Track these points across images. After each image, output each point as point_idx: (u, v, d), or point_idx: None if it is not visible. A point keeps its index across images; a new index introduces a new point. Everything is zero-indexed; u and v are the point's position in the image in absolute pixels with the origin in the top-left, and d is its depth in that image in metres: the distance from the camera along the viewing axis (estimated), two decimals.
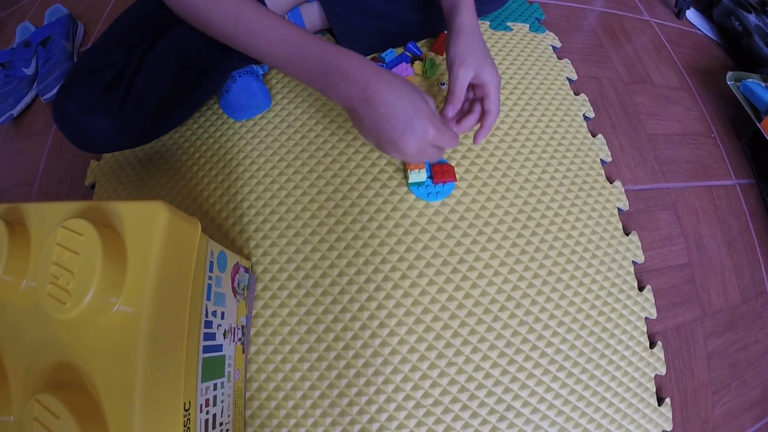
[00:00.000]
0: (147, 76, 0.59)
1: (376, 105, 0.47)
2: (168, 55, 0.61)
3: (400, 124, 0.47)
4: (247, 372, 0.56)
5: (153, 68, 0.59)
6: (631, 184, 0.76)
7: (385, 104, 0.47)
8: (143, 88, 0.59)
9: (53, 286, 0.32)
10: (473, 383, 0.57)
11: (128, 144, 0.63)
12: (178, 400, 0.36)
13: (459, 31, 0.58)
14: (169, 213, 0.35)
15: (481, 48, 0.58)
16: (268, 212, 0.65)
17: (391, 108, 0.47)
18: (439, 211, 0.65)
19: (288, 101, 0.75)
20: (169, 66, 0.61)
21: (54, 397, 0.31)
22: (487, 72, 0.57)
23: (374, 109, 0.47)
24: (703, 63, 1.02)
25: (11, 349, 0.39)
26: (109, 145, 0.61)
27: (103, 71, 0.58)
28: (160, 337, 0.34)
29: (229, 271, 0.50)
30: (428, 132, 0.48)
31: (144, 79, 0.59)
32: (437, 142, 0.50)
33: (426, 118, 0.48)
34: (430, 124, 0.48)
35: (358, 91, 0.47)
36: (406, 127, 0.47)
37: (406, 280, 0.61)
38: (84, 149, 0.61)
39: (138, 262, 0.34)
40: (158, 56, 0.60)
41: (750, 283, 0.75)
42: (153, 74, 0.59)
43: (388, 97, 0.47)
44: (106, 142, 0.60)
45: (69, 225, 0.33)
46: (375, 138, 0.50)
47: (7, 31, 1.17)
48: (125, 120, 0.58)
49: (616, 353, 0.61)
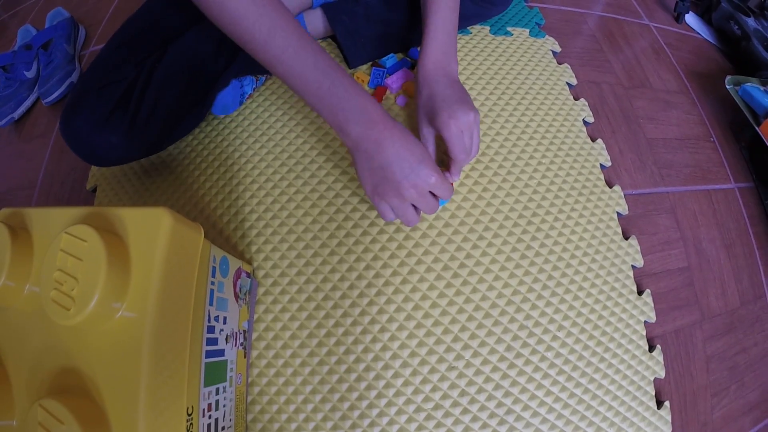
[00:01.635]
0: (157, 90, 0.59)
1: (387, 147, 0.50)
2: (177, 67, 0.61)
3: (407, 166, 0.50)
4: (248, 376, 0.56)
5: (163, 81, 0.59)
6: (631, 188, 0.76)
7: (396, 148, 0.50)
8: (153, 102, 0.59)
9: (57, 292, 0.32)
10: (474, 387, 0.57)
11: (138, 157, 0.63)
12: (181, 405, 0.36)
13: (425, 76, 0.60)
14: (172, 219, 0.36)
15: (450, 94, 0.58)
16: (269, 217, 0.65)
17: (402, 152, 0.50)
18: (440, 216, 0.66)
19: (289, 106, 0.75)
20: (178, 77, 0.61)
21: (58, 402, 0.31)
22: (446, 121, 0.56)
23: (384, 150, 0.50)
24: (702, 67, 1.02)
25: (15, 353, 0.39)
26: (119, 159, 0.61)
27: (112, 86, 0.58)
28: (164, 342, 0.34)
29: (231, 276, 0.50)
30: (431, 178, 0.51)
31: (154, 92, 0.59)
32: (436, 189, 0.53)
33: (431, 167, 0.51)
34: (434, 172, 0.51)
35: (374, 132, 0.50)
36: (412, 170, 0.50)
37: (407, 284, 0.61)
38: (94, 164, 0.61)
39: (141, 268, 0.34)
40: (167, 68, 0.60)
41: (749, 287, 0.75)
42: (163, 87, 0.59)
43: (400, 143, 0.50)
44: (116, 157, 0.60)
45: (73, 231, 0.34)
46: (377, 179, 0.52)
47: (8, 33, 1.17)
48: (136, 135, 0.58)
49: (616, 357, 0.61)
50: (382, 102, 0.75)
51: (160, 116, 0.60)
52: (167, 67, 0.60)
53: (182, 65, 0.61)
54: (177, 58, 0.61)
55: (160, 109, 0.60)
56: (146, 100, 0.58)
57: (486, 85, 0.80)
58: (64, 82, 0.89)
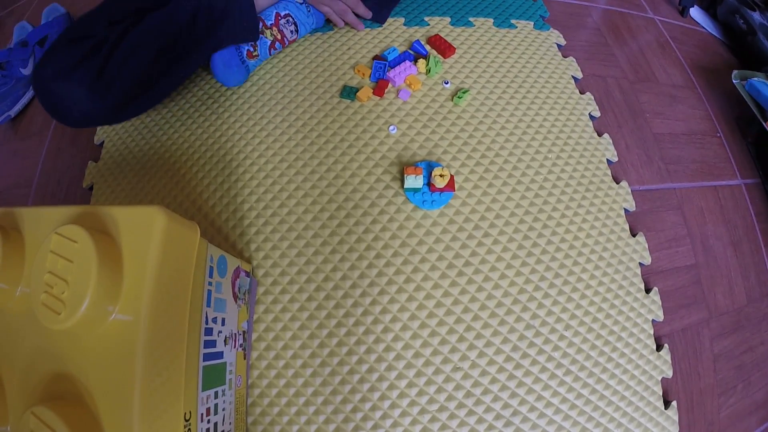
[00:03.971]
0: (127, 51, 0.60)
1: None
2: (150, 33, 0.61)
3: None
4: (248, 378, 0.55)
5: (134, 43, 0.60)
6: (638, 184, 0.75)
7: None
8: (121, 61, 0.59)
9: (47, 295, 0.31)
10: (479, 388, 0.56)
11: (102, 118, 0.63)
12: (178, 411, 0.35)
13: None
14: (166, 218, 0.34)
15: None
16: (269, 214, 0.64)
17: None
18: (444, 213, 0.64)
19: (289, 100, 0.74)
20: (150, 43, 0.61)
21: (50, 410, 0.30)
22: None
23: None
24: (707, 61, 1.01)
25: (8, 356, 0.38)
26: (83, 117, 0.61)
27: (82, 41, 0.59)
28: (159, 346, 0.33)
29: (230, 276, 0.49)
30: None
31: (123, 52, 0.59)
32: None
33: None
34: None
35: None
36: None
37: (410, 283, 0.60)
38: (59, 119, 0.62)
39: (135, 269, 0.33)
40: (140, 33, 0.61)
41: (756, 284, 0.74)
42: (133, 49, 0.60)
43: None
44: (79, 112, 0.60)
45: (63, 231, 0.32)
46: None
47: (4, 30, 1.16)
48: (99, 91, 0.59)
49: (623, 356, 0.60)
50: (384, 95, 0.74)
51: (127, 78, 0.61)
52: (140, 31, 0.61)
53: (155, 32, 0.62)
54: (151, 25, 0.62)
55: (127, 70, 0.60)
56: (114, 58, 0.59)
57: (490, 79, 0.78)
58: None
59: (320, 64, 0.78)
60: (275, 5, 0.74)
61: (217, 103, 0.75)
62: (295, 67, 0.78)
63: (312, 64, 0.78)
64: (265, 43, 0.74)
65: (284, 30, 0.76)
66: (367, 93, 0.72)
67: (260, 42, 0.73)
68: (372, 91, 0.73)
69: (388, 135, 0.70)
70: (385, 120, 0.72)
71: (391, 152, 0.69)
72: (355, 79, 0.76)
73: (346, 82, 0.76)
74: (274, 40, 0.75)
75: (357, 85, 0.75)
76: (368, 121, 0.72)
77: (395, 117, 0.72)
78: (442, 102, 0.74)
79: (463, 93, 0.73)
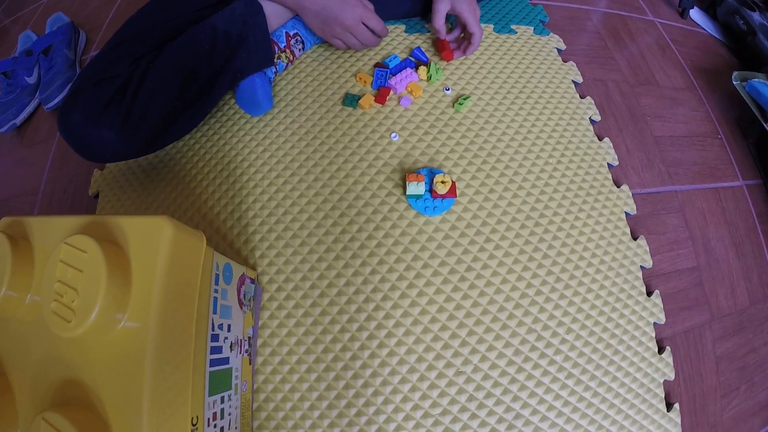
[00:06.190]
0: (151, 88, 0.59)
1: None
2: (171, 66, 0.61)
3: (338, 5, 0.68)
4: (254, 383, 0.56)
5: (156, 80, 0.60)
6: (639, 187, 0.75)
7: None
8: (147, 100, 0.59)
9: (58, 303, 0.32)
10: (482, 392, 0.57)
11: (133, 154, 0.63)
12: (185, 416, 0.36)
13: None
14: (173, 228, 0.35)
15: None
16: (273, 221, 0.65)
17: None
18: (446, 219, 0.65)
19: (292, 108, 0.75)
20: (172, 77, 0.61)
21: (60, 415, 0.30)
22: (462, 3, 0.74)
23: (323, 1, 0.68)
24: (708, 63, 1.01)
25: (18, 363, 0.38)
26: (114, 156, 0.61)
27: (107, 82, 0.58)
28: (167, 352, 0.34)
29: (235, 283, 0.50)
30: (358, 9, 0.69)
31: (148, 90, 0.59)
32: (366, 20, 0.71)
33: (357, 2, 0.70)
34: (360, 4, 0.70)
35: None
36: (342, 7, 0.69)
37: (414, 288, 0.61)
38: (89, 159, 0.62)
39: (143, 277, 0.34)
40: (161, 68, 0.60)
41: (758, 286, 0.74)
42: (157, 86, 0.60)
43: None
44: (110, 153, 0.60)
45: (72, 242, 0.33)
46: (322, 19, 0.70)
47: (9, 39, 1.17)
48: (129, 131, 0.59)
49: (625, 359, 0.60)
50: (386, 103, 0.74)
51: (154, 115, 0.60)
52: (161, 65, 0.61)
53: (176, 65, 0.62)
54: (171, 58, 0.62)
55: (154, 107, 0.60)
56: (140, 98, 0.59)
57: (491, 85, 0.79)
58: (65, 88, 0.88)
59: (322, 72, 0.79)
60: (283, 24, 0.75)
61: (220, 111, 0.76)
62: (298, 75, 0.79)
63: (314, 72, 0.79)
64: (281, 67, 0.76)
65: (294, 50, 0.78)
66: (369, 100, 0.73)
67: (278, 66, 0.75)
68: (374, 99, 0.74)
69: (390, 142, 0.71)
70: (387, 127, 0.72)
71: (393, 159, 0.69)
72: (357, 86, 0.77)
73: (348, 90, 0.76)
74: (287, 63, 0.77)
75: (359, 93, 0.76)
76: (370, 128, 0.72)
77: (397, 124, 0.73)
78: (443, 109, 0.75)
79: (464, 99, 0.74)
